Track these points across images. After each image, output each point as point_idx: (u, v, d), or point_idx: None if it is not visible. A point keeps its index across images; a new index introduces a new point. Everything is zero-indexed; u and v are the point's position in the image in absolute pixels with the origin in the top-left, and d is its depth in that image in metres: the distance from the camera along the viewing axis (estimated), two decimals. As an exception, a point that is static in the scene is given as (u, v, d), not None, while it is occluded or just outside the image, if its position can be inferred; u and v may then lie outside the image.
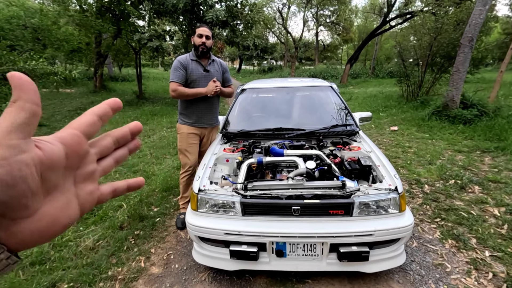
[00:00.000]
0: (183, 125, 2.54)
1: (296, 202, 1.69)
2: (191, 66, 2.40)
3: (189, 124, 2.52)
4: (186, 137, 2.52)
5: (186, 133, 2.52)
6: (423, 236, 2.31)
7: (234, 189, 1.81)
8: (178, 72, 2.36)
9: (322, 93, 3.13)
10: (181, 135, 2.54)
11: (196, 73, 2.42)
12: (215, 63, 2.56)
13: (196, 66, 2.43)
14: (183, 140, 2.53)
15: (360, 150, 2.25)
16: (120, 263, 2.06)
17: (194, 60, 2.44)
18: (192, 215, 1.84)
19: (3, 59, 5.95)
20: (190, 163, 2.52)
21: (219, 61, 2.61)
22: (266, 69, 30.41)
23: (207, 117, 2.58)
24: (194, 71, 2.41)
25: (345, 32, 27.34)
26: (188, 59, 2.42)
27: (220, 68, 2.59)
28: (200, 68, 2.45)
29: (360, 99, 9.48)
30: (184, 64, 2.38)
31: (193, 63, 2.42)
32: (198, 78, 2.43)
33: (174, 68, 2.37)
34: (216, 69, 2.55)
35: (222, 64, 2.64)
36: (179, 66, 2.36)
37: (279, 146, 2.33)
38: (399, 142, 4.73)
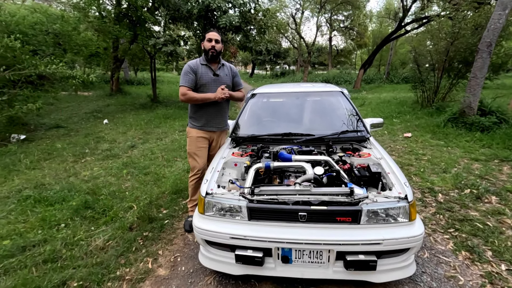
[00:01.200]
0: (192, 128, 2.57)
1: (303, 208, 1.68)
2: (200, 71, 2.44)
3: (198, 127, 2.55)
4: (195, 140, 2.55)
5: (195, 136, 2.55)
6: (435, 247, 2.24)
7: (241, 193, 1.82)
8: (187, 77, 2.40)
9: (333, 98, 3.11)
10: (191, 138, 2.57)
11: (205, 77, 2.45)
12: (225, 68, 2.59)
13: (206, 70, 2.47)
14: (192, 143, 2.56)
15: (370, 156, 2.21)
16: (128, 263, 2.10)
17: (204, 65, 2.47)
18: (199, 218, 1.85)
19: (26, 63, 6.21)
20: (199, 166, 2.54)
21: (229, 66, 2.64)
22: (279, 73, 30.46)
23: (216, 121, 2.61)
24: (203, 75, 2.45)
25: (359, 37, 27.11)
26: (198, 63, 2.46)
27: (230, 72, 2.62)
28: (210, 72, 2.48)
29: (374, 105, 9.34)
30: (194, 69, 2.42)
31: (203, 68, 2.46)
32: (207, 82, 2.46)
33: (184, 73, 2.41)
34: (226, 73, 2.58)
35: (232, 68, 2.67)
36: (189, 71, 2.40)
37: (287, 151, 2.32)
38: (413, 149, 4.62)
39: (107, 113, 10.07)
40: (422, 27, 12.98)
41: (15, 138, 6.36)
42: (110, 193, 3.32)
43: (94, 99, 13.34)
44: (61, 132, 7.36)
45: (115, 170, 4.19)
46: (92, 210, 2.89)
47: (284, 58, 33.11)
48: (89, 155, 5.20)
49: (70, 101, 12.78)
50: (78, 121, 8.77)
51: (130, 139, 6.32)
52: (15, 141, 6.22)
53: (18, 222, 2.70)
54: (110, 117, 9.19)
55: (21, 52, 6.08)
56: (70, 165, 4.68)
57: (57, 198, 3.19)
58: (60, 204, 3.04)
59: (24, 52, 6.24)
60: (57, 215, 2.78)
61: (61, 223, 2.66)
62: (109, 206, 2.96)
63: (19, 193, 3.47)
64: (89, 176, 4.03)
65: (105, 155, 5.16)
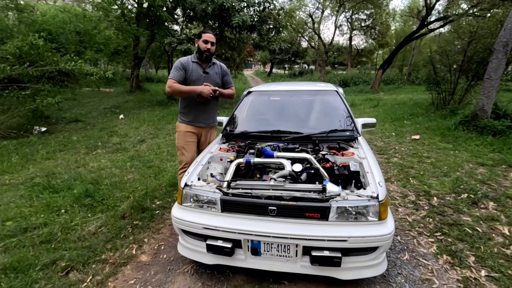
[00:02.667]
0: (181, 123, 2.67)
1: (273, 202, 1.72)
2: (191, 67, 2.52)
3: (187, 122, 2.65)
4: (184, 135, 2.64)
5: (184, 131, 2.64)
6: (417, 250, 2.20)
7: (217, 187, 1.88)
8: (177, 72, 2.48)
9: (327, 97, 3.11)
10: (179, 133, 2.67)
11: (195, 74, 2.54)
12: (215, 66, 2.66)
13: (196, 67, 2.55)
14: (181, 137, 2.66)
15: (353, 156, 2.21)
16: (114, 248, 2.23)
17: (195, 62, 2.56)
18: (177, 208, 1.94)
19: (47, 60, 6.59)
20: (186, 160, 2.64)
21: (219, 64, 2.71)
22: (297, 73, 30.27)
23: (204, 117, 2.69)
24: (194, 72, 2.53)
25: (381, 36, 26.37)
26: (189, 60, 2.54)
27: (220, 71, 2.69)
28: (200, 69, 2.56)
29: (388, 106, 9.10)
30: (185, 65, 2.50)
31: (194, 65, 2.54)
32: (197, 79, 2.55)
33: (175, 68, 2.50)
34: (216, 72, 2.65)
35: (222, 67, 2.74)
36: (180, 67, 2.49)
37: (272, 148, 2.37)
38: (417, 152, 4.50)
39: (124, 109, 10.47)
40: (447, 26, 12.46)
41: (36, 130, 6.79)
42: (112, 184, 3.50)
43: (114, 95, 13.89)
44: (79, 125, 7.76)
45: (120, 163, 4.40)
46: (92, 198, 3.06)
47: (302, 58, 32.82)
48: (100, 148, 5.46)
49: (92, 96, 13.37)
50: (97, 115, 9.18)
51: (141, 134, 6.57)
52: (36, 133, 6.64)
53: (24, 206, 2.92)
54: (126, 112, 9.56)
55: (44, 49, 6.47)
56: (82, 156, 4.95)
57: (63, 186, 3.40)
58: (65, 192, 3.24)
59: (47, 49, 6.63)
60: (60, 201, 2.97)
61: (62, 209, 2.85)
62: (107, 196, 3.13)
63: (32, 180, 3.73)
64: (96, 167, 4.26)
65: (115, 148, 5.40)
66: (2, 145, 5.47)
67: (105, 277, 1.96)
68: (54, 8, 11.76)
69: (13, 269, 1.99)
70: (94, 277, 1.96)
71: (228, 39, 10.81)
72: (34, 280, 1.90)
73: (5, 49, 6.21)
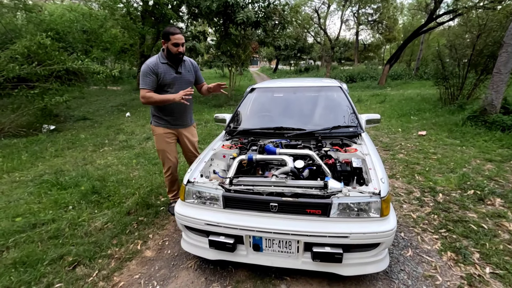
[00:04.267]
0: (157, 126, 2.56)
1: (275, 199, 1.73)
2: (162, 70, 2.34)
3: (163, 125, 2.55)
4: (163, 137, 2.55)
5: (162, 133, 2.54)
6: (421, 246, 2.19)
7: (220, 183, 1.90)
8: (147, 78, 2.30)
9: (331, 93, 3.09)
10: (158, 136, 2.56)
11: (168, 76, 2.38)
12: (186, 64, 2.52)
13: (168, 69, 2.38)
14: (160, 140, 2.55)
15: (356, 152, 2.20)
16: (120, 244, 2.27)
17: (165, 63, 2.36)
18: (180, 205, 1.97)
19: (55, 59, 6.69)
20: (171, 162, 2.60)
21: (189, 60, 2.57)
22: (303, 69, 30.01)
23: (181, 119, 2.60)
24: (166, 74, 2.36)
25: (388, 31, 25.95)
26: (158, 62, 2.34)
27: (191, 67, 2.57)
28: (172, 71, 2.40)
29: (394, 102, 8.99)
30: (154, 69, 2.31)
31: (164, 67, 2.35)
32: (171, 81, 2.40)
33: (144, 74, 2.30)
34: (188, 70, 2.53)
35: (193, 63, 2.61)
36: (149, 72, 2.29)
37: (274, 144, 2.37)
38: (424, 148, 4.44)
39: (131, 106, 10.57)
40: (455, 19, 12.19)
41: (45, 128, 6.92)
42: (118, 181, 3.56)
43: (121, 93, 14.02)
44: (87, 123, 7.87)
45: (126, 160, 4.46)
46: (98, 195, 3.12)
47: (308, 54, 32.53)
48: (107, 146, 5.54)
49: (100, 95, 13.53)
50: (104, 113, 9.30)
51: (147, 131, 6.62)
52: (45, 131, 6.77)
53: (33, 203, 2.99)
54: (133, 110, 9.66)
55: (51, 49, 6.56)
56: (89, 154, 5.03)
57: (70, 183, 3.47)
58: (72, 189, 3.31)
59: (54, 48, 6.73)
60: (67, 198, 3.04)
61: (70, 205, 2.91)
62: (114, 192, 3.18)
63: (40, 177, 3.82)
64: (103, 164, 4.33)
65: (122, 145, 5.47)
66: (13, 143, 5.60)
67: (111, 271, 2.01)
68: (61, 7, 11.91)
69: (22, 263, 2.05)
70: (100, 272, 2.01)
71: (232, 36, 10.79)
72: (43, 274, 1.96)
73: (14, 48, 6.33)
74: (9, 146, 5.45)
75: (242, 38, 11.11)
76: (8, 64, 6.19)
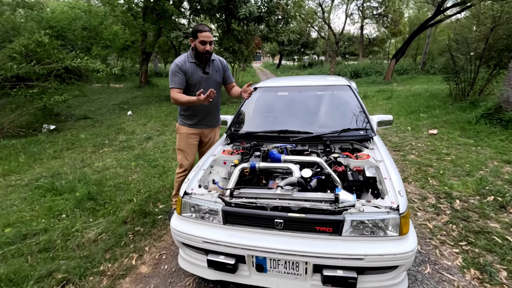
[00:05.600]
0: (183, 126, 2.51)
1: (280, 215, 1.55)
2: (190, 69, 2.29)
3: (189, 125, 2.48)
4: (186, 137, 2.49)
5: (186, 133, 2.48)
6: (440, 262, 2.00)
7: (219, 195, 1.73)
8: (177, 77, 2.26)
9: (338, 92, 2.89)
10: (181, 135, 2.51)
11: (195, 76, 2.32)
12: (215, 63, 2.44)
13: (196, 69, 2.32)
14: (183, 140, 2.50)
15: (369, 158, 2.01)
16: (113, 258, 2.12)
17: (193, 63, 2.31)
18: (176, 219, 1.80)
19: (53, 57, 6.55)
20: (188, 163, 2.49)
21: (218, 60, 2.49)
22: (307, 64, 29.63)
23: (207, 119, 2.53)
24: (193, 74, 2.31)
25: (394, 24, 25.43)
26: (186, 61, 2.30)
27: (220, 67, 2.48)
28: (200, 70, 2.34)
29: (401, 98, 8.72)
30: (183, 68, 2.27)
31: (192, 66, 2.31)
32: (197, 81, 2.34)
33: (172, 73, 2.26)
34: (216, 69, 2.44)
35: (223, 62, 2.53)
36: (177, 71, 2.25)
37: (279, 150, 2.19)
38: (436, 148, 4.22)
39: (133, 104, 10.44)
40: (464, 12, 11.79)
41: (45, 128, 6.80)
42: (115, 185, 3.41)
43: (124, 91, 13.90)
44: (87, 123, 7.74)
45: (126, 162, 4.31)
46: (94, 201, 2.97)
47: (312, 49, 32.12)
48: (107, 146, 5.40)
49: (102, 93, 13.41)
50: (106, 112, 9.16)
51: (148, 131, 6.48)
52: (45, 131, 6.65)
53: (26, 211, 2.85)
54: (134, 108, 9.52)
55: (50, 47, 6.41)
56: (88, 155, 4.90)
57: (66, 188, 3.33)
58: (68, 194, 3.17)
59: (53, 46, 6.58)
60: (62, 205, 2.89)
61: (63, 213, 2.76)
62: (110, 198, 3.03)
63: (37, 181, 3.69)
64: (101, 167, 4.18)
65: (122, 146, 5.33)
66: (11, 144, 5.48)
67: (103, 290, 1.86)
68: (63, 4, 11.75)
69: (8, 280, 1.90)
70: (90, 291, 1.86)
71: (235, 32, 10.56)
72: (29, 293, 1.81)
73: (12, 47, 6.19)
74: (7, 147, 5.33)
75: (244, 33, 10.89)
76: (6, 63, 6.07)
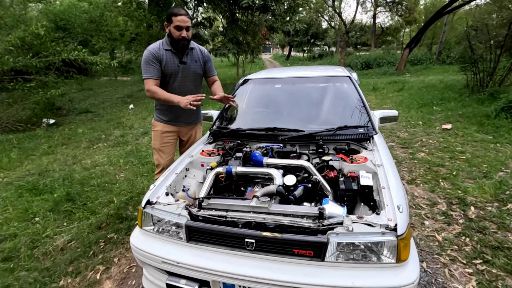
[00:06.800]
0: (158, 122, 2.25)
1: (251, 233, 1.28)
2: (165, 58, 2.02)
3: (165, 121, 2.22)
4: (161, 135, 2.23)
5: (161, 131, 2.23)
6: (449, 285, 1.70)
7: (187, 205, 1.47)
8: (151, 67, 1.98)
9: (337, 84, 2.57)
10: (155, 132, 2.26)
11: (171, 65, 2.04)
12: (194, 52, 2.15)
13: (171, 57, 2.04)
14: (157, 138, 2.24)
15: (366, 162, 1.70)
16: (76, 272, 1.91)
17: (168, 50, 2.03)
18: (137, 233, 1.56)
19: (50, 50, 6.40)
20: (164, 163, 2.25)
21: (198, 49, 2.19)
22: (316, 55, 28.84)
23: (185, 116, 2.24)
24: (169, 63, 2.03)
25: (408, 12, 24.36)
26: (160, 48, 2.02)
27: (200, 57, 2.19)
28: (176, 59, 2.06)
29: (414, 90, 8.21)
30: (157, 56, 1.99)
31: (167, 54, 2.03)
32: (173, 71, 2.06)
33: (146, 62, 1.98)
34: (195, 59, 2.15)
35: (203, 51, 2.23)
36: (151, 59, 1.97)
37: (263, 151, 1.91)
38: (449, 145, 3.83)
39: (136, 98, 10.31)
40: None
41: (44, 122, 6.71)
42: (99, 184, 3.22)
43: (130, 84, 13.79)
44: (88, 117, 7.63)
45: (116, 159, 4.13)
46: (73, 203, 2.79)
47: (322, 39, 31.23)
48: (102, 142, 5.24)
49: (108, 86, 13.36)
50: (108, 106, 9.06)
51: (146, 125, 6.29)
52: (44, 126, 6.56)
53: (2, 211, 2.69)
54: (137, 102, 9.38)
55: (47, 39, 6.27)
56: (81, 151, 4.75)
57: (49, 187, 3.17)
58: (48, 194, 3.00)
59: (50, 39, 6.43)
60: (38, 206, 2.72)
61: (38, 216, 2.58)
62: (90, 199, 2.84)
63: (23, 178, 3.54)
64: (91, 164, 4.01)
65: (116, 141, 5.17)
66: (7, 139, 5.39)
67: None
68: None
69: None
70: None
71: (240, 22, 10.19)
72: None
73: (7, 40, 6.07)
74: (3, 142, 5.24)
75: (249, 23, 10.50)
76: (3, 56, 5.96)
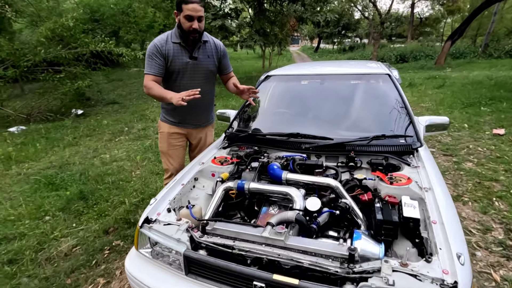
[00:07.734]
0: (164, 123, 2.03)
1: (261, 275, 1.02)
2: (172, 52, 1.77)
3: (171, 123, 2.00)
4: (167, 137, 2.01)
5: (168, 132, 2.01)
6: None
7: (188, 228, 1.25)
8: (153, 61, 1.75)
9: (374, 84, 2.20)
10: (162, 134, 2.04)
11: (179, 61, 1.79)
12: (207, 46, 1.87)
13: (180, 51, 1.79)
14: (164, 141, 2.03)
15: (409, 184, 1.36)
16: (75, 284, 1.77)
17: (177, 43, 1.78)
18: (131, 256, 1.36)
19: (78, 42, 6.50)
20: (172, 168, 2.05)
21: (213, 42, 1.91)
22: (347, 48, 27.57)
23: (194, 117, 2.01)
24: (176, 58, 1.79)
25: (452, 1, 22.43)
26: (168, 41, 1.77)
27: (214, 52, 1.91)
28: (185, 54, 1.80)
29: (457, 87, 7.43)
30: (162, 50, 1.75)
31: (175, 47, 1.78)
32: (182, 68, 1.81)
33: (149, 55, 1.76)
34: (208, 54, 1.88)
35: (218, 46, 1.94)
36: (155, 53, 1.74)
37: (283, 163, 1.63)
38: (503, 154, 3.30)
39: (162, 89, 10.35)
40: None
41: (73, 113, 6.89)
42: (114, 182, 3.13)
43: (158, 75, 13.92)
44: (114, 108, 7.73)
45: (135, 154, 4.05)
46: (85, 201, 2.71)
47: (354, 30, 29.78)
48: (124, 134, 5.23)
49: (138, 77, 13.55)
50: (135, 97, 9.14)
51: (169, 118, 6.22)
52: (72, 116, 6.72)
53: (15, 207, 2.66)
54: (162, 93, 9.39)
55: (76, 31, 6.37)
56: (103, 144, 4.75)
57: (67, 182, 3.14)
58: (63, 190, 2.95)
59: (79, 30, 6.53)
60: (51, 203, 2.67)
61: (49, 214, 2.52)
62: (103, 199, 2.74)
63: (45, 171, 3.57)
64: (109, 159, 3.96)
65: (138, 135, 5.13)
66: (36, 129, 5.55)
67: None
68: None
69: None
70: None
71: (267, 12, 9.81)
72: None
73: (39, 31, 6.22)
74: (32, 132, 5.40)
75: (277, 14, 10.08)
76: (36, 47, 6.14)
